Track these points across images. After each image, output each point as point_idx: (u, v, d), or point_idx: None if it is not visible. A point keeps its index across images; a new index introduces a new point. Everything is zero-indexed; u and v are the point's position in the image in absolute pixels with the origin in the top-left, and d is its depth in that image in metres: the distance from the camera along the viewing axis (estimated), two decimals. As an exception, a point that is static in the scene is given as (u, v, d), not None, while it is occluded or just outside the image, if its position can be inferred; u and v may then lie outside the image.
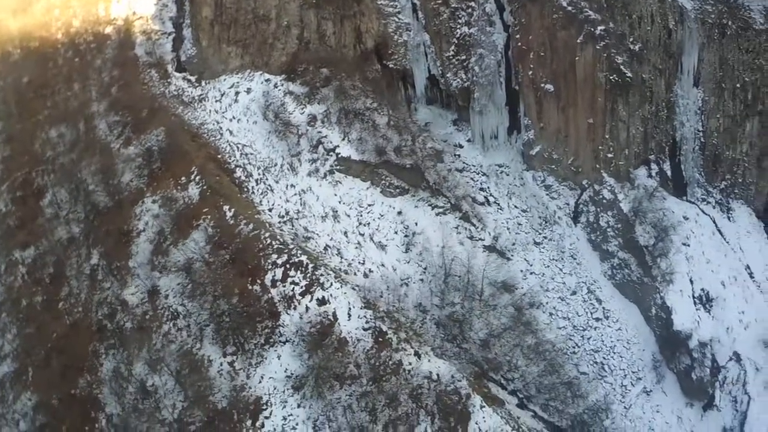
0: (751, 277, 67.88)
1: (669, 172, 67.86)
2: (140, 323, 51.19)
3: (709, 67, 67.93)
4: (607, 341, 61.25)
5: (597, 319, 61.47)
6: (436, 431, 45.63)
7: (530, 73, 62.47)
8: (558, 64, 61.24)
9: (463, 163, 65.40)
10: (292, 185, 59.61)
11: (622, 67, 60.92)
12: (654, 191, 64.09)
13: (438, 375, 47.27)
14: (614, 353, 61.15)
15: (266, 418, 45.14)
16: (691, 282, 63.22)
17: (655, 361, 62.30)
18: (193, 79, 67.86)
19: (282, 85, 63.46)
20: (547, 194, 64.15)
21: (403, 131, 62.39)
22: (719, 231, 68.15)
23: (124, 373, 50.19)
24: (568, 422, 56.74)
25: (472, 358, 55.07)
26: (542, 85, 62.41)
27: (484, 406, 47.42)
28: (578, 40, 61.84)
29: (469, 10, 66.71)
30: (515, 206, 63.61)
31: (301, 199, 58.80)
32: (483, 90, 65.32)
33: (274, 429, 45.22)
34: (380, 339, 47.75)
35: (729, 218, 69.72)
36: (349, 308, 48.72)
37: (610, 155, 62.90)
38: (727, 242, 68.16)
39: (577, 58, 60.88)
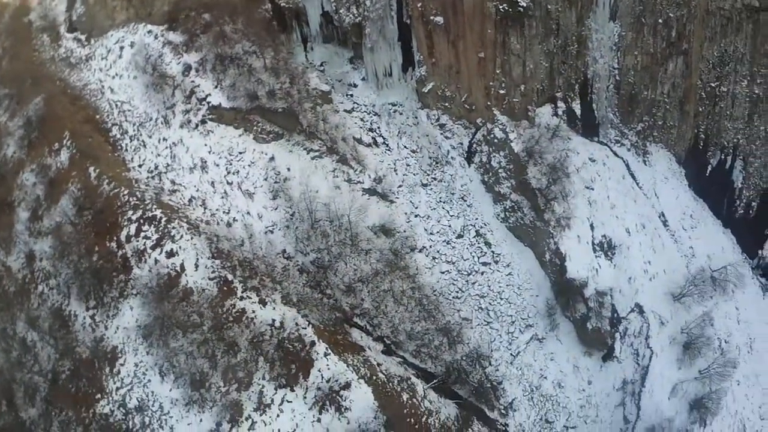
0: (665, 225, 60.56)
1: (578, 112, 60.60)
2: (21, 286, 52.40)
3: (628, 0, 59.35)
4: (494, 286, 55.12)
5: (484, 264, 55.24)
6: (275, 377, 43.05)
7: (419, 5, 55.68)
8: None
9: (354, 103, 59.25)
10: (164, 138, 55.15)
11: None
12: (556, 131, 56.66)
13: (282, 322, 44.49)
14: (502, 299, 55.15)
15: (121, 365, 45.52)
16: (592, 228, 56.41)
17: (549, 307, 56.76)
18: (83, 38, 63.70)
19: (162, 35, 57.91)
20: (441, 133, 57.69)
21: (282, 73, 56.58)
22: (632, 175, 60.87)
23: (9, 332, 52.64)
24: (443, 368, 50.85)
25: (335, 304, 50.28)
26: (432, 17, 55.70)
27: (329, 354, 44.28)
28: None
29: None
30: (405, 146, 57.41)
31: (171, 152, 54.48)
32: (374, 25, 58.69)
33: (128, 374, 45.05)
34: (225, 288, 45.38)
35: (645, 162, 62.24)
36: (197, 259, 46.13)
37: (502, 92, 55.90)
38: (640, 187, 60.93)
39: None
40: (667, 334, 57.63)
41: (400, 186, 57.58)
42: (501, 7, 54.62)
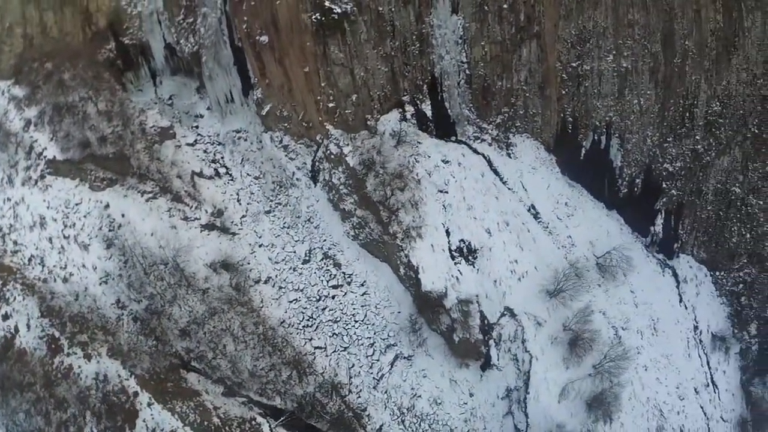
0: (537, 218, 54.50)
1: (429, 113, 54.43)
2: None
3: None
4: (348, 309, 50.21)
5: (335, 287, 50.51)
6: (102, 430, 41.94)
7: (245, 26, 50.66)
8: (265, 11, 48.83)
9: (198, 134, 54.92)
10: (8, 198, 51.60)
11: (327, 3, 47.53)
12: (400, 137, 50.81)
13: (106, 375, 43.24)
14: (356, 321, 50.20)
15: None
16: (448, 233, 50.85)
17: (413, 323, 51.83)
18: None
19: (8, 91, 53.95)
20: (285, 155, 52.95)
21: (115, 117, 52.83)
22: (494, 171, 54.62)
23: None
24: (294, 403, 45.87)
25: (171, 350, 46.66)
26: (257, 37, 50.43)
27: (152, 403, 42.77)
28: (277, -19, 49.19)
29: (195, -35, 54.63)
30: (248, 174, 52.97)
31: (14, 211, 50.96)
32: (209, 52, 54.36)
33: (-17, 433, 43.66)
34: (53, 346, 44.07)
35: (510, 155, 56.23)
36: (29, 319, 44.58)
37: (331, 105, 50.38)
38: (504, 182, 54.85)
39: (277, 2, 48.15)
40: (547, 335, 51.62)
41: (243, 216, 52.92)
42: (314, 17, 49.00)
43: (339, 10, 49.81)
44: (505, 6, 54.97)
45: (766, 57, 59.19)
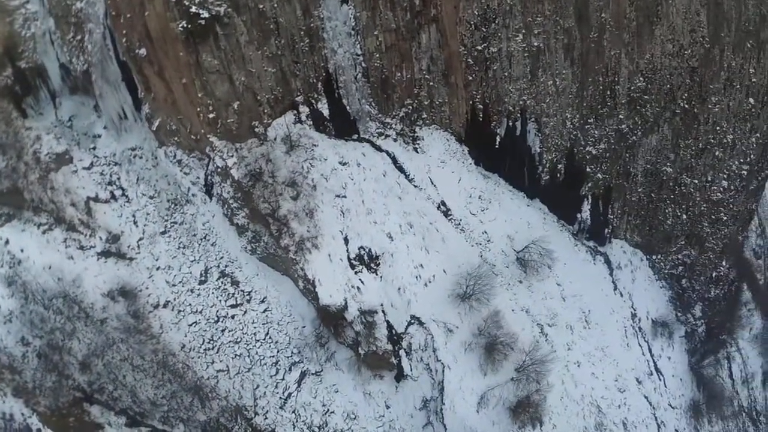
0: (447, 215, 49.56)
1: (327, 112, 48.99)
2: None
3: None
4: (248, 328, 45.82)
5: (233, 306, 46.46)
6: None
7: (124, 40, 45.42)
8: (139, 23, 44.03)
9: (95, 156, 50.80)
10: None
11: (194, 8, 42.10)
12: (292, 142, 45.46)
13: (11, 414, 42.54)
14: (257, 340, 45.66)
15: None
16: (346, 241, 45.84)
17: (320, 337, 47.41)
18: None
19: None
20: (180, 170, 48.53)
21: (9, 149, 49.19)
22: (400, 168, 49.20)
23: None
24: (199, 430, 42.04)
25: (73, 383, 44.30)
26: (137, 50, 45.07)
27: None
28: (145, -9, 43.80)
29: (82, -22, 49.65)
30: (144, 194, 48.91)
31: None
32: (97, 69, 49.71)
33: None
34: None
35: (417, 149, 50.79)
36: None
37: (211, 115, 45.06)
38: (411, 179, 49.79)
39: (146, 13, 42.61)
40: (459, 341, 46.87)
41: (141, 239, 48.76)
42: (181, 25, 43.30)
43: (207, 15, 44.16)
44: (397, -10, 48.85)
45: (692, 25, 52.55)
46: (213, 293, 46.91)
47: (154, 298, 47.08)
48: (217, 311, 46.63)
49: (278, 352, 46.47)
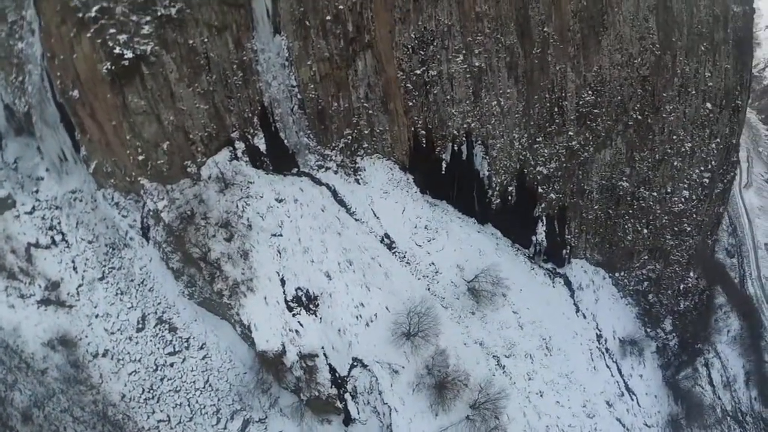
0: (391, 248, 46.17)
1: (264, 147, 46.12)
2: None
3: (286, 5, 44.36)
4: (188, 376, 43.29)
5: (172, 353, 44.03)
6: None
7: (59, 82, 43.75)
8: (70, 65, 42.96)
9: (36, 200, 48.73)
10: None
11: (118, 49, 39.72)
12: (226, 181, 42.89)
13: None
14: (197, 389, 42.55)
15: None
16: (283, 283, 42.90)
17: (262, 383, 43.66)
18: None
19: None
20: (118, 213, 46.61)
21: None
22: (340, 201, 46.28)
23: None
24: None
25: None
26: (71, 92, 42.86)
27: None
28: (71, 34, 41.21)
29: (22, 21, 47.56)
30: (83, 238, 46.52)
31: None
32: (37, 110, 47.80)
33: None
34: None
35: (359, 181, 47.94)
36: None
37: (141, 157, 42.40)
38: (352, 213, 46.71)
39: (74, 56, 40.58)
40: (406, 382, 43.96)
41: (80, 285, 46.49)
42: (106, 67, 40.95)
43: (131, 55, 41.71)
44: (328, 18, 46.21)
45: (641, 33, 49.18)
46: (151, 341, 44.55)
47: (93, 346, 44.88)
48: (156, 359, 44.27)
49: (219, 400, 43.99)
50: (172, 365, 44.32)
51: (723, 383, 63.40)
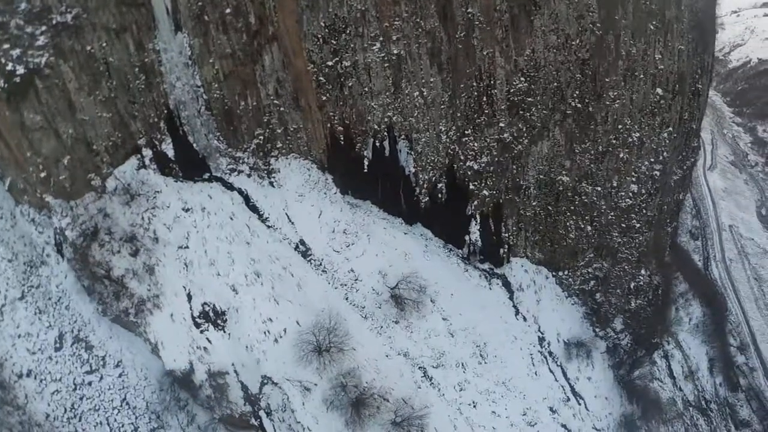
0: (306, 256, 43.29)
1: (172, 153, 42.59)
2: None
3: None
4: (106, 395, 42.60)
5: (89, 372, 43.12)
6: None
7: None
8: None
9: None
10: None
11: (10, 66, 37.36)
12: (131, 192, 39.84)
13: None
14: (114, 408, 41.15)
15: None
16: (190, 298, 40.76)
17: (178, 400, 43.66)
18: None
19: None
20: (35, 229, 44.89)
21: None
22: (252, 207, 42.75)
23: None
24: None
25: None
26: None
27: None
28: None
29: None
30: (3, 257, 45.37)
31: None
32: None
33: None
34: None
35: (273, 184, 44.24)
36: None
37: (43, 174, 39.61)
38: (265, 219, 44.59)
39: None
40: (320, 399, 41.13)
41: (3, 305, 44.56)
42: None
43: (23, 71, 38.44)
44: (228, 11, 41.84)
45: (579, 11, 43.25)
46: (69, 359, 43.08)
47: (18, 367, 43.93)
48: (74, 378, 43.01)
49: (137, 418, 42.45)
50: (90, 384, 42.83)
51: (684, 374, 59.45)
